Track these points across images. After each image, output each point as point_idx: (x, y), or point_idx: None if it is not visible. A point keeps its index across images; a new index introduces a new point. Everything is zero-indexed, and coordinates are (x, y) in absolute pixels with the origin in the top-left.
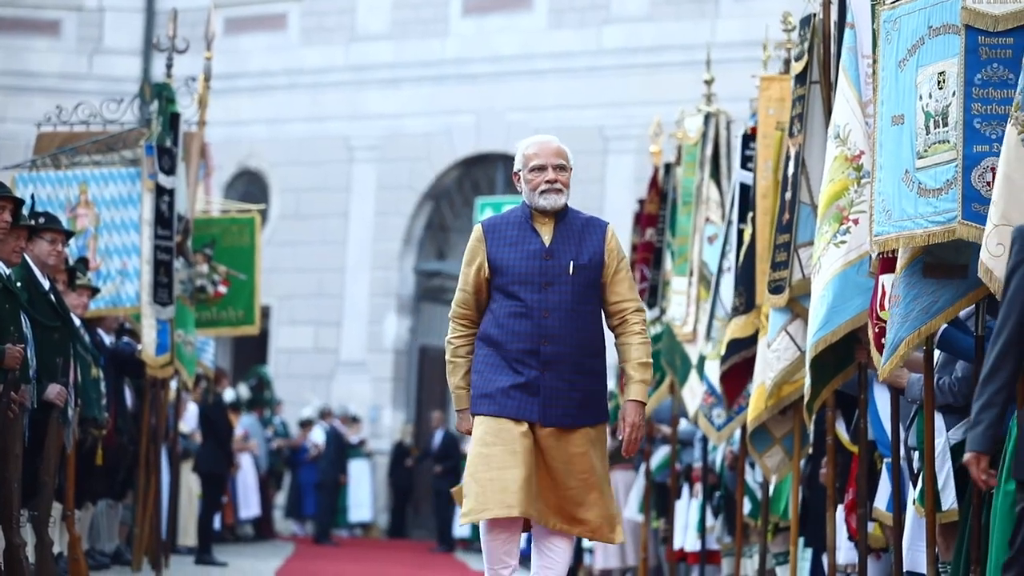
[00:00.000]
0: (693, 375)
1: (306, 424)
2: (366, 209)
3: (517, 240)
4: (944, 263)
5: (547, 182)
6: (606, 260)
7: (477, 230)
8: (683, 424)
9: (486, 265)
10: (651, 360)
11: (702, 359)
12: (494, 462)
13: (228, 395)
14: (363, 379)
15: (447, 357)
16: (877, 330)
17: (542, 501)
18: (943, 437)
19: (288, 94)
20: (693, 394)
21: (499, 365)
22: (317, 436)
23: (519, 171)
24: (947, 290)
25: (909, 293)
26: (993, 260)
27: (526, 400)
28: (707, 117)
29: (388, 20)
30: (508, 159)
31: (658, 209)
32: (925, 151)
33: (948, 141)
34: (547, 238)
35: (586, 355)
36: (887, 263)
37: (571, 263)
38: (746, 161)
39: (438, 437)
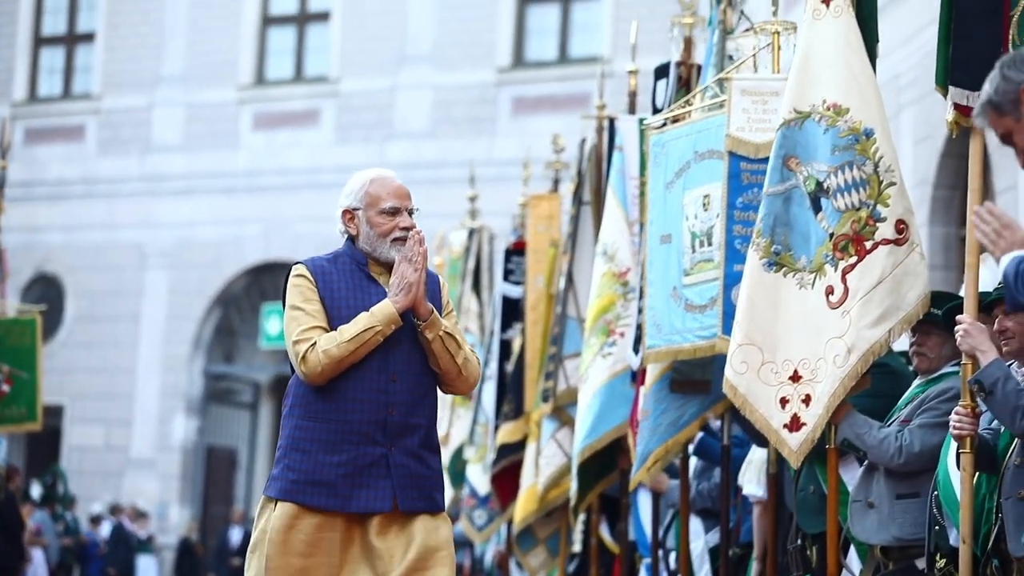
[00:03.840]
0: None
1: (96, 519)
2: (157, 313)
3: (353, 288)
4: (689, 379)
5: (402, 229)
6: (443, 315)
7: (300, 270)
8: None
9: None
10: (465, 353)
11: (460, 461)
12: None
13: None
14: (152, 476)
15: (334, 349)
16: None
17: None
18: (702, 540)
19: (84, 202)
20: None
21: (332, 441)
22: (106, 531)
23: (356, 209)
24: (693, 404)
25: (658, 407)
26: (737, 377)
27: (374, 485)
28: (471, 232)
29: (182, 132)
30: None
31: None
32: (691, 269)
33: (712, 260)
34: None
35: (434, 426)
36: (647, 374)
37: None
38: (508, 274)
39: (237, 533)
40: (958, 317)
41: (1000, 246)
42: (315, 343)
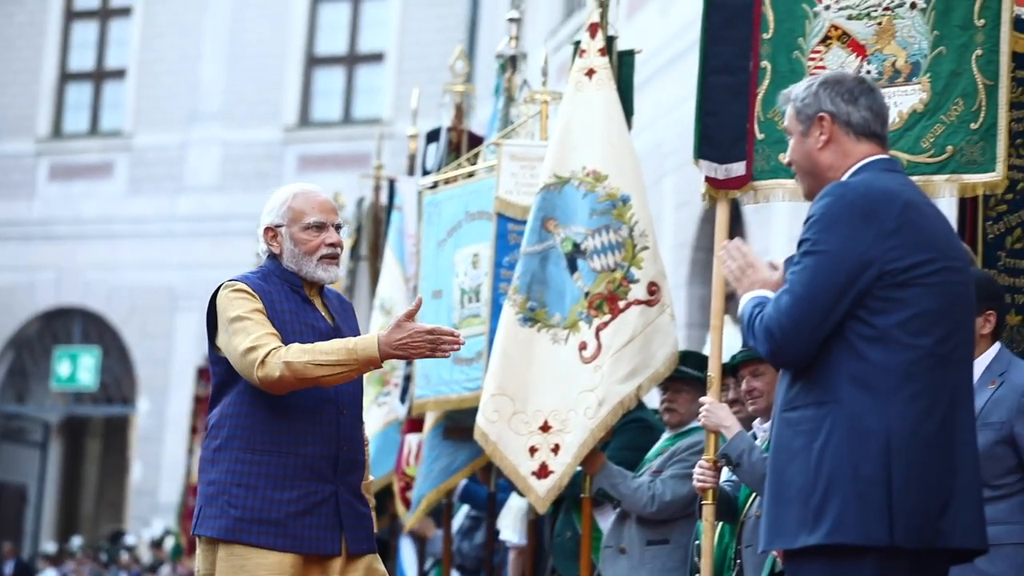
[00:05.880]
0: None
1: None
2: None
3: (296, 311)
4: (460, 426)
5: (329, 246)
6: None
7: (239, 285)
8: None
9: None
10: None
11: None
12: None
13: None
14: None
15: (300, 365)
16: (403, 484)
17: None
18: None
19: None
20: None
21: (282, 476)
22: None
23: (279, 226)
24: (463, 451)
25: (431, 454)
26: (489, 425)
27: (325, 525)
28: None
29: None
30: (85, 313)
31: None
32: (460, 323)
33: (479, 315)
34: (326, 315)
35: (367, 464)
36: (413, 423)
37: None
38: None
39: (9, 567)
40: (701, 399)
41: (744, 284)
42: (277, 348)
